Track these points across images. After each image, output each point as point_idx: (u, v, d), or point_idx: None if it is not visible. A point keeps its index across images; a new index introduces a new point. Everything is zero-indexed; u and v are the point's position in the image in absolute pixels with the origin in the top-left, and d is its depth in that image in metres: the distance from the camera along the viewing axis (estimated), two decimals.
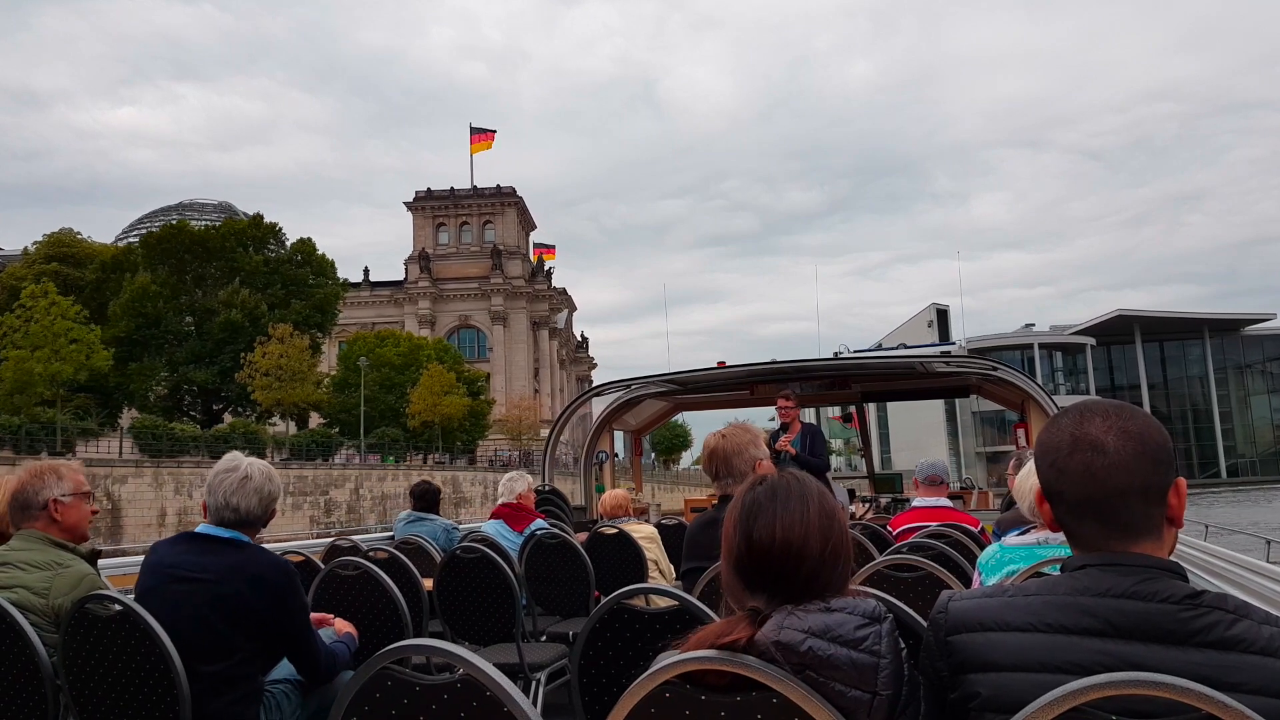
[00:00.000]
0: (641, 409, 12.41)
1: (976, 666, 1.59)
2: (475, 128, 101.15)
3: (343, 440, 58.60)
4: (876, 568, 3.74)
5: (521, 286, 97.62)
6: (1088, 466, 1.57)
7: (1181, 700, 1.31)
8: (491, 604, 5.15)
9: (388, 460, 58.09)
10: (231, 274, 56.47)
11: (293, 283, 59.02)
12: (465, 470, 63.15)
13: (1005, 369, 10.11)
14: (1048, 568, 3.03)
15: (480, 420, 71.06)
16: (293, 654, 3.26)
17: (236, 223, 61.23)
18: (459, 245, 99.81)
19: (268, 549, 3.22)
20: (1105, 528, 1.59)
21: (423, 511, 7.20)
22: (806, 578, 1.75)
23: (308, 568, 5.08)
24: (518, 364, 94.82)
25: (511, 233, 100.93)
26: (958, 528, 5.24)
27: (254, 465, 3.24)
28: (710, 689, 1.67)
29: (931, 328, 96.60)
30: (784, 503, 1.81)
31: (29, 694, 3.06)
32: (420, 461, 60.68)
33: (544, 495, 9.71)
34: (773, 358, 10.76)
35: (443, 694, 1.80)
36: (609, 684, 2.77)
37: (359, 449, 57.82)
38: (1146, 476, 1.56)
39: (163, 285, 54.14)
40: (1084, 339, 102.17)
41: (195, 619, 2.97)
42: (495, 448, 75.53)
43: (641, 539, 6.30)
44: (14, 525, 3.37)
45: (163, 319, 53.72)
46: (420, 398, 61.34)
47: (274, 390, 50.32)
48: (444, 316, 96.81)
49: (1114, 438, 1.57)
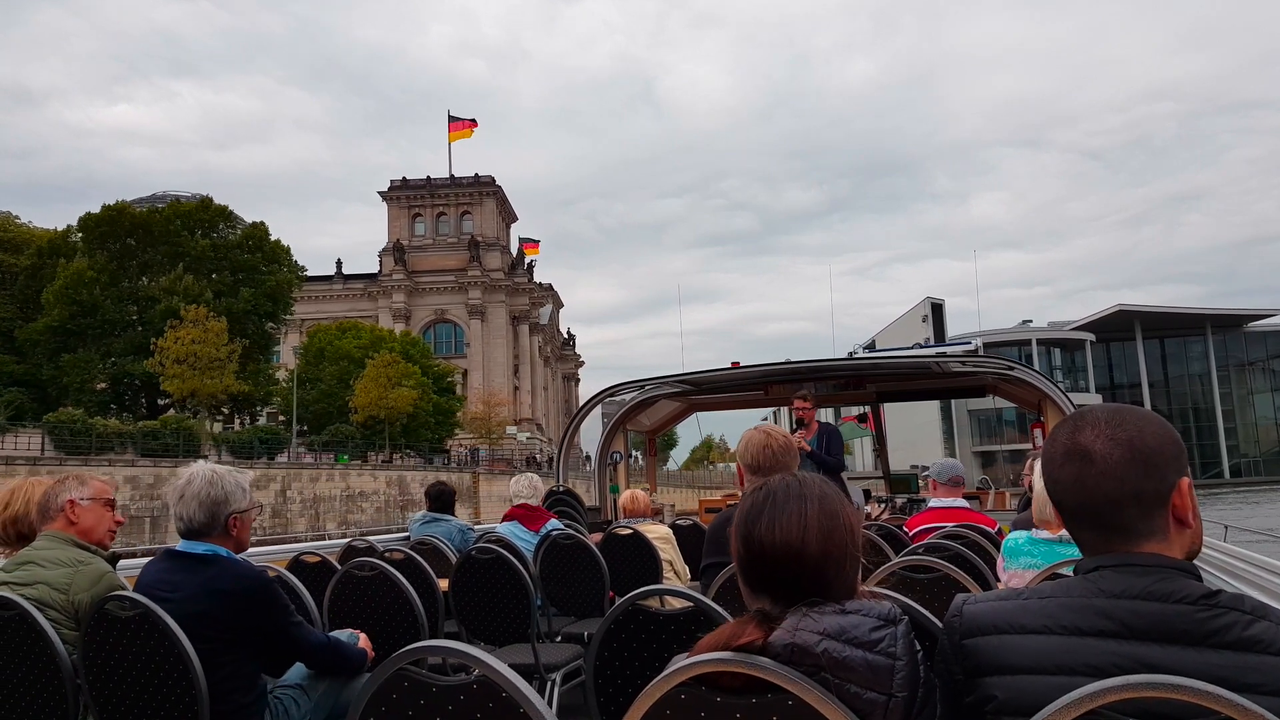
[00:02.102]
0: (656, 409, 12.40)
1: (992, 670, 1.58)
2: (454, 116, 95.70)
3: (290, 438, 54.77)
4: (892, 569, 3.72)
5: (500, 279, 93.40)
6: (1077, 476, 1.59)
7: (1199, 703, 1.31)
8: (506, 604, 5.16)
9: (341, 459, 53.87)
10: (176, 260, 52.47)
11: (242, 269, 55.09)
12: (417, 470, 58.66)
13: (1021, 368, 10.05)
14: (1065, 568, 3.02)
15: (450, 417, 68.04)
16: (285, 652, 3.27)
17: (183, 205, 56.60)
18: (436, 237, 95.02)
19: (241, 560, 3.20)
20: (1103, 534, 1.61)
21: (438, 512, 7.24)
22: (808, 579, 1.75)
23: (324, 568, 5.11)
24: (496, 360, 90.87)
25: (490, 224, 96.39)
26: (974, 528, 5.22)
27: (198, 472, 3.22)
28: (725, 691, 1.67)
29: (926, 322, 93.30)
30: (782, 504, 1.81)
31: (50, 692, 3.10)
32: (360, 462, 55.66)
33: (558, 496, 9.72)
34: (770, 357, 10.79)
35: (459, 695, 1.81)
36: (624, 685, 2.77)
37: (310, 447, 54.89)
38: (1138, 483, 1.56)
39: (101, 271, 50.32)
40: (1083, 335, 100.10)
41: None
42: (467, 446, 72.24)
43: (656, 539, 6.30)
44: (39, 527, 3.45)
45: (100, 307, 49.86)
46: (365, 390, 56.09)
47: (187, 380, 45.88)
48: (419, 310, 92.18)
49: (1102, 445, 1.58)
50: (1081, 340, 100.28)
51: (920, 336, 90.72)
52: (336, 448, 55.06)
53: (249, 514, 3.28)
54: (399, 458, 60.72)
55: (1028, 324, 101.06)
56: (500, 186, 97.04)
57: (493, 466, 67.17)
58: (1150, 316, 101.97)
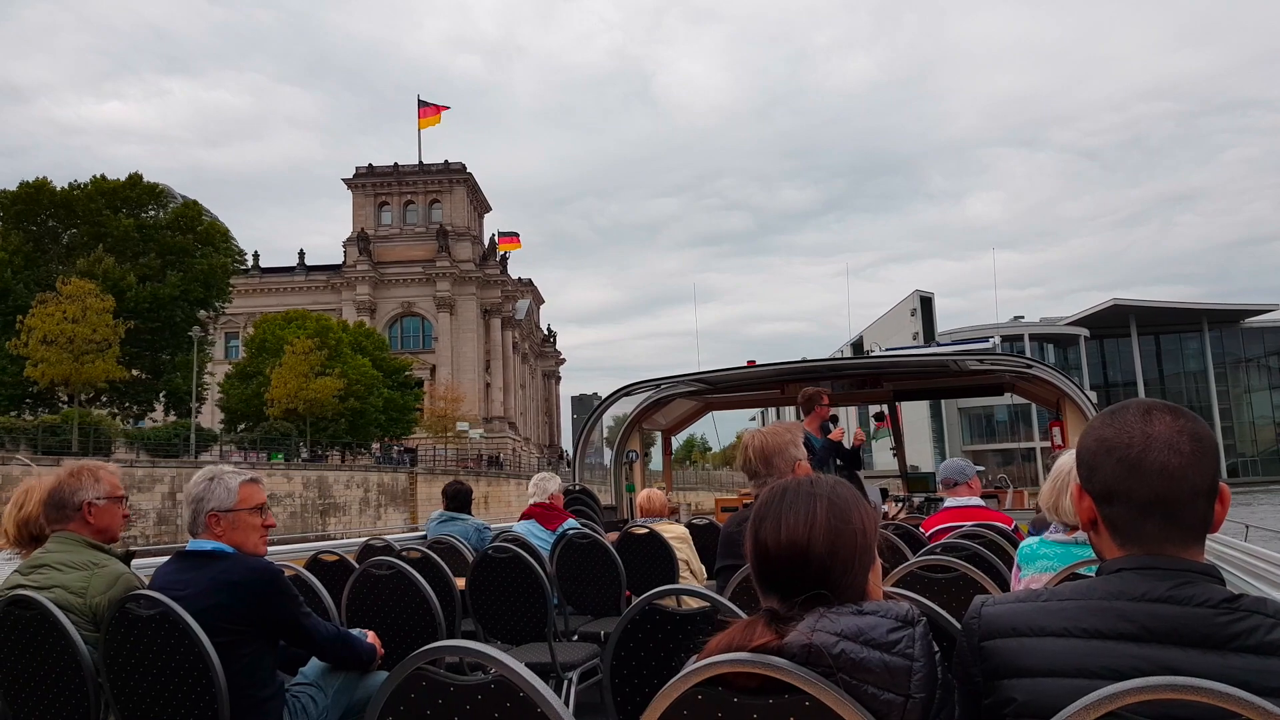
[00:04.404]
0: (671, 408, 12.40)
1: (1011, 672, 1.58)
2: (423, 101, 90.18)
3: (218, 435, 51.62)
4: (909, 569, 3.71)
5: (471, 271, 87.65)
6: (1165, 466, 1.55)
7: (1220, 705, 1.30)
8: (523, 603, 5.18)
9: (274, 457, 49.45)
10: (98, 240, 48.19)
11: (171, 251, 50.25)
12: (340, 470, 52.82)
13: (1040, 366, 10.00)
14: (1084, 569, 3.00)
15: (407, 414, 63.76)
16: (297, 643, 3.33)
17: (108, 182, 50.69)
18: (403, 226, 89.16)
19: (247, 555, 3.24)
20: (1169, 528, 1.57)
21: (455, 511, 7.27)
22: (815, 578, 1.74)
23: (342, 567, 5.14)
24: (466, 355, 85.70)
25: (461, 212, 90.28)
26: (992, 527, 5.19)
27: (199, 475, 3.33)
28: (742, 692, 1.67)
29: (915, 316, 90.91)
30: (790, 504, 1.81)
31: (71, 691, 3.12)
32: (283, 462, 49.95)
33: (575, 495, 9.75)
34: (766, 358, 10.75)
35: (477, 694, 1.82)
36: (641, 684, 2.78)
37: (240, 445, 51.04)
38: (1213, 478, 1.57)
39: (15, 253, 46.51)
40: (1077, 330, 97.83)
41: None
42: (423, 445, 67.95)
43: (672, 539, 6.31)
44: (48, 524, 3.43)
45: (12, 291, 45.39)
46: (282, 381, 50.73)
47: (60, 365, 40.38)
48: (385, 303, 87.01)
49: (1188, 439, 1.57)
50: (1075, 336, 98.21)
51: (909, 330, 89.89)
52: (271, 446, 50.71)
53: (236, 515, 3.23)
54: (353, 457, 56.54)
55: (1019, 319, 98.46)
56: (471, 174, 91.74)
57: (435, 466, 62.54)
58: (1145, 311, 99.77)
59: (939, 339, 75.18)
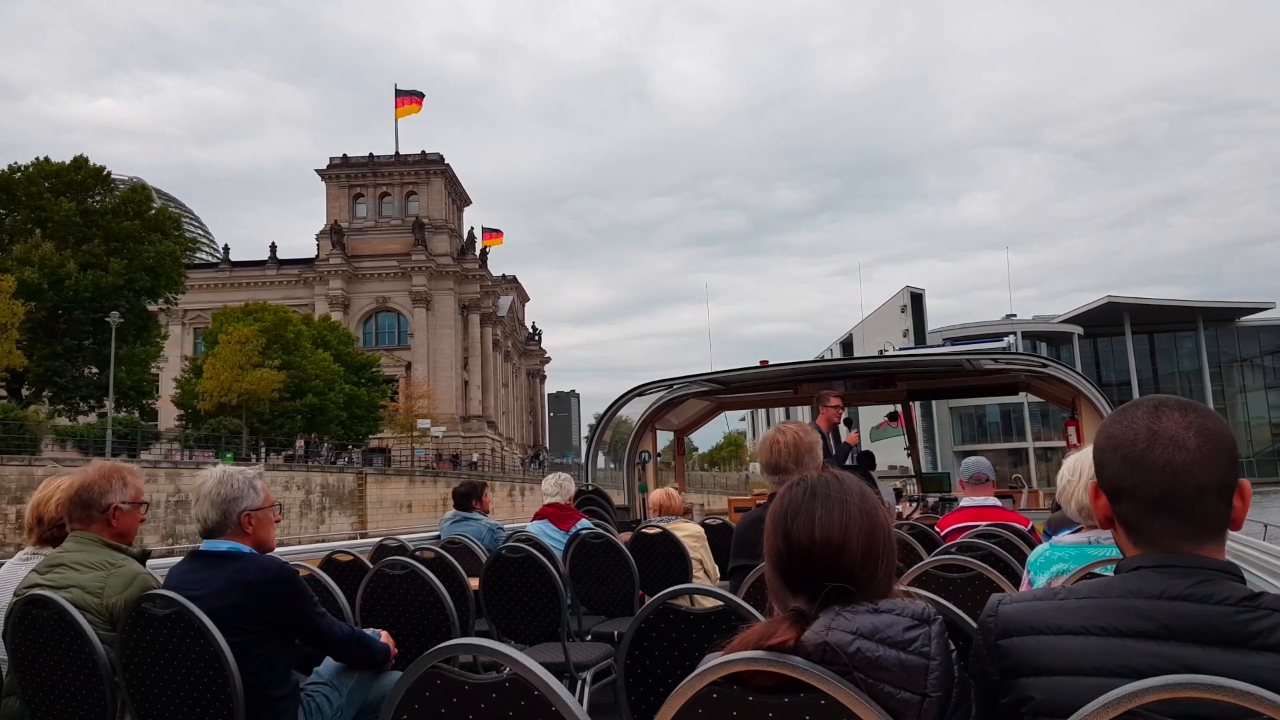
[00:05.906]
0: (684, 408, 12.39)
1: (1028, 671, 1.57)
2: (401, 90, 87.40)
3: (160, 433, 48.91)
4: (925, 568, 3.70)
5: (448, 265, 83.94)
6: (1168, 462, 1.54)
7: (1241, 704, 1.28)
8: (537, 603, 5.18)
9: (224, 457, 45.61)
10: (40, 225, 45.95)
11: (116, 238, 47.34)
12: (279, 470, 48.98)
13: (1056, 365, 9.95)
14: (1100, 568, 2.98)
15: (373, 411, 61.46)
16: (312, 643, 3.34)
17: (50, 165, 48.11)
18: (379, 219, 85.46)
19: (261, 555, 3.27)
20: (1179, 525, 1.56)
21: (467, 511, 7.28)
22: (848, 578, 1.73)
23: (356, 567, 5.15)
24: (442, 351, 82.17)
25: (438, 205, 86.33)
26: (1007, 527, 5.18)
27: (212, 474, 3.34)
28: (758, 690, 1.67)
29: (905, 312, 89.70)
30: (823, 502, 1.79)
31: (88, 691, 3.14)
32: (199, 458, 46.20)
33: (588, 495, 9.75)
34: (761, 359, 10.73)
35: (491, 693, 1.82)
36: (655, 684, 2.77)
37: (186, 443, 49.04)
38: (1224, 475, 1.55)
39: None
40: (1071, 328, 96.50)
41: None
42: (399, 445, 66.28)
43: (686, 538, 6.30)
44: (70, 521, 3.45)
45: None
46: (214, 372, 47.88)
47: None
48: (359, 298, 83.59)
49: (1192, 433, 1.55)
50: (1069, 334, 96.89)
51: (899, 327, 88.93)
52: (217, 444, 48.00)
53: (264, 512, 3.32)
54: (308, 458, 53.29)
55: (1012, 318, 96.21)
56: (449, 165, 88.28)
57: (390, 467, 60.76)
58: (1140, 309, 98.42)
59: (930, 338, 74.53)
